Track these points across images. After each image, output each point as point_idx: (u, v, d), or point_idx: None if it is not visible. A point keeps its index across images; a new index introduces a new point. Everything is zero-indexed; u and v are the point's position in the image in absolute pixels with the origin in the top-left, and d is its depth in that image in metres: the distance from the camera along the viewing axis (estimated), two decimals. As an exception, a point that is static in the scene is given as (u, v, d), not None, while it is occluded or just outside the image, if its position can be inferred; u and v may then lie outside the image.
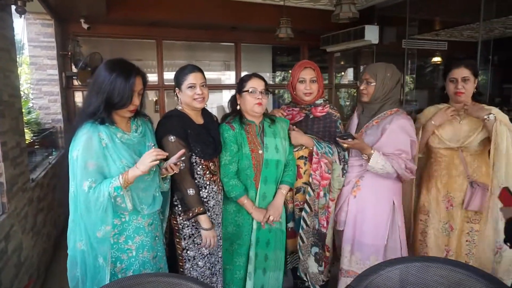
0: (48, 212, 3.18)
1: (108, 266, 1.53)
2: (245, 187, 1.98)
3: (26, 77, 4.42)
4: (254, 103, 1.96)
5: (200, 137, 1.85)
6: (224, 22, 4.70)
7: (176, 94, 1.89)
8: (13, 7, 2.42)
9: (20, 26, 3.94)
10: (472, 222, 2.13)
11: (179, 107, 1.90)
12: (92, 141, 1.48)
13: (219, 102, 6.50)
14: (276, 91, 6.92)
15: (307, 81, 2.13)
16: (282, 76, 7.13)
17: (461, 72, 2.06)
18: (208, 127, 1.93)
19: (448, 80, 2.13)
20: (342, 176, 2.14)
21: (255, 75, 2.03)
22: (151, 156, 1.47)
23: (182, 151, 1.62)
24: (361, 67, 5.65)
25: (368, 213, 2.13)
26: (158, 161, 1.50)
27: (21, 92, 2.91)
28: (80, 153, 1.46)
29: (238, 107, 2.05)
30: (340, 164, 2.12)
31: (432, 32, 5.63)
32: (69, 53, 4.29)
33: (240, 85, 2.03)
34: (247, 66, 5.65)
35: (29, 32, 4.01)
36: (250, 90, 1.96)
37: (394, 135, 2.05)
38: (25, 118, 3.14)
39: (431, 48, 6.25)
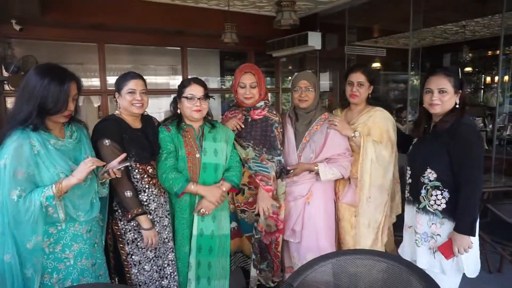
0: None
1: (37, 278, 1.48)
2: (187, 177, 1.93)
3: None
4: (192, 109, 1.97)
5: (136, 141, 1.86)
6: (168, 26, 4.64)
7: (116, 98, 1.90)
8: None
9: None
10: (354, 215, 2.25)
11: (117, 112, 1.92)
12: (22, 148, 1.44)
13: (167, 107, 6.34)
14: (227, 95, 6.93)
15: (247, 86, 2.16)
16: (231, 80, 7.16)
17: (357, 77, 2.21)
18: (146, 132, 1.94)
19: (346, 82, 2.28)
20: (282, 180, 2.18)
21: (194, 80, 2.01)
22: (87, 163, 1.49)
23: (124, 154, 1.65)
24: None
25: (322, 215, 2.20)
26: (94, 167, 1.52)
27: None
28: (8, 161, 1.41)
29: (178, 111, 2.04)
30: (277, 171, 2.14)
31: (371, 39, 5.98)
32: (-1, 56, 4.00)
33: (179, 90, 2.01)
34: (195, 70, 5.60)
35: (-48, 33, 3.69)
36: (188, 97, 1.97)
37: (338, 137, 2.18)
38: None
39: (371, 54, 6.62)
